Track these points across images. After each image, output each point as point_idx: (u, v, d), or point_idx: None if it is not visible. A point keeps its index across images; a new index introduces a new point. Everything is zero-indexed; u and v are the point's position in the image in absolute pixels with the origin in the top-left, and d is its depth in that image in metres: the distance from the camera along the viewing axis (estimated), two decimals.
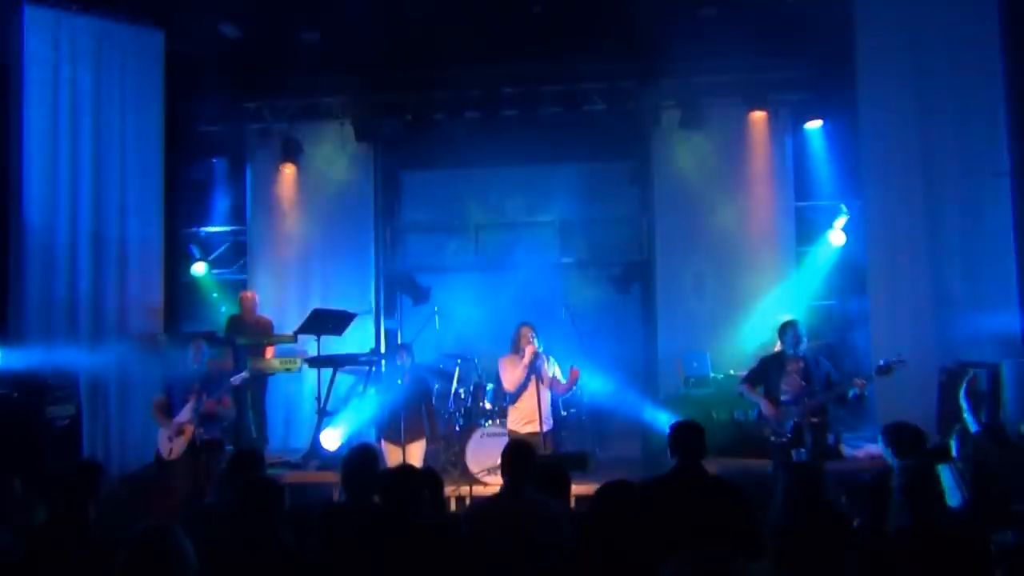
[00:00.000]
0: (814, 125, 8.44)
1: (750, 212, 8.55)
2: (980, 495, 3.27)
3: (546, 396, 6.11)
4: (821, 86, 8.18)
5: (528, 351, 6.02)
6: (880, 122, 7.19)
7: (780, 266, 8.45)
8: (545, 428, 6.09)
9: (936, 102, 6.96)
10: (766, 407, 5.72)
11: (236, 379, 6.25)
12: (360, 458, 3.76)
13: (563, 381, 6.21)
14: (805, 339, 5.77)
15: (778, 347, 6.20)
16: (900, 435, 4.12)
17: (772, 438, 5.70)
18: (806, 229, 8.62)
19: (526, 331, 6.13)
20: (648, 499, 3.38)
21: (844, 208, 8.36)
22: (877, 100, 7.18)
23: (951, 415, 5.40)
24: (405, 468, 3.77)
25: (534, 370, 6.06)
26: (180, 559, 2.35)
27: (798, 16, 7.27)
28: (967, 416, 4.66)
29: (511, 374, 6.12)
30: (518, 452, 3.76)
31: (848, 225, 8.23)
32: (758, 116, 8.48)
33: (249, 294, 8.23)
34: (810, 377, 5.64)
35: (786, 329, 5.84)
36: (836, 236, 8.32)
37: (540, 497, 3.66)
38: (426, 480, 3.76)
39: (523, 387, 6.11)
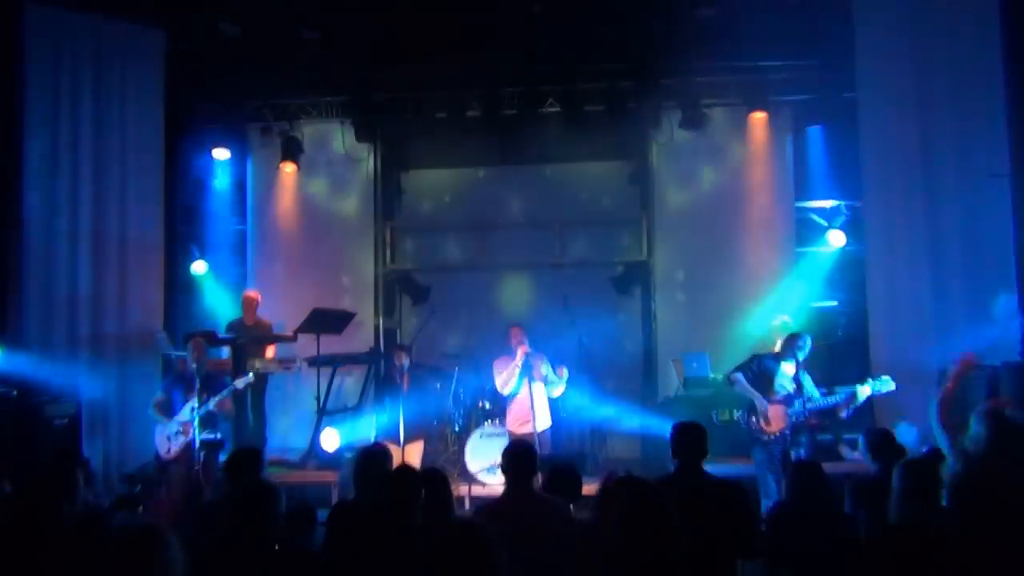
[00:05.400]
0: (814, 127, 8.44)
1: (750, 212, 8.55)
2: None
3: (539, 397, 6.13)
4: (821, 86, 8.18)
5: (519, 352, 6.06)
6: (880, 122, 7.18)
7: (780, 266, 8.45)
8: (540, 428, 6.13)
9: (936, 102, 6.95)
10: (761, 402, 5.75)
11: (240, 382, 6.25)
12: (372, 457, 3.79)
13: (553, 379, 6.25)
14: (804, 354, 5.81)
15: (776, 348, 6.20)
16: (873, 438, 4.16)
17: (756, 433, 5.73)
18: (806, 229, 8.61)
19: (516, 332, 6.18)
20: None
21: (843, 208, 8.35)
22: (877, 100, 7.17)
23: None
24: (404, 469, 3.77)
25: (526, 371, 6.09)
26: (168, 560, 2.31)
27: (798, 17, 7.26)
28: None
29: (502, 375, 6.17)
30: (519, 451, 3.78)
31: (848, 225, 8.22)
32: (758, 117, 8.47)
33: (252, 294, 8.19)
34: (800, 384, 5.72)
35: (795, 340, 5.85)
36: (836, 236, 8.31)
37: (547, 495, 3.67)
38: (431, 480, 3.77)
39: (516, 388, 6.15)
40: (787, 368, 5.79)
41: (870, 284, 7.30)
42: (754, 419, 5.79)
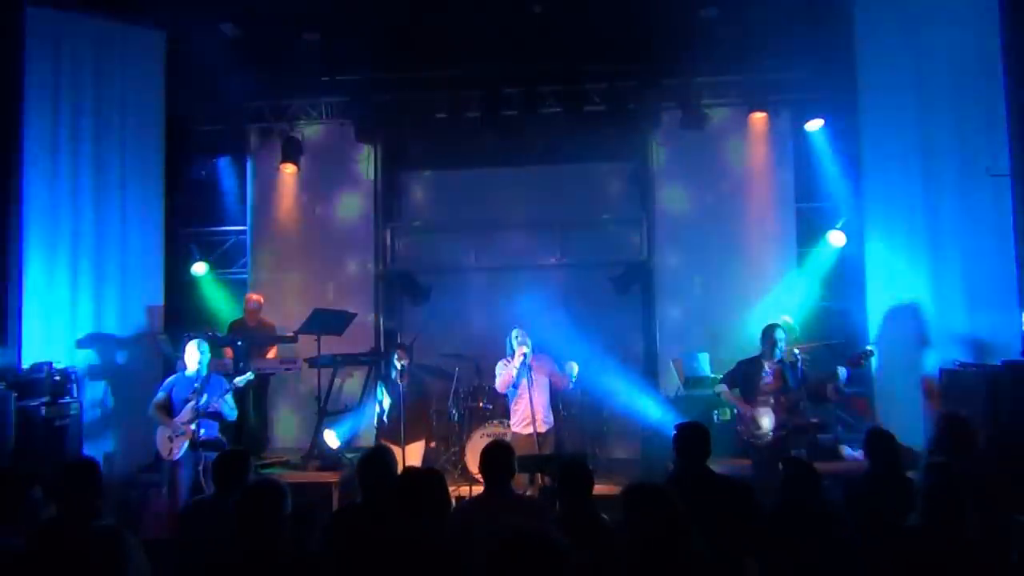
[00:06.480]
0: (814, 125, 8.43)
1: (750, 212, 8.56)
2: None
3: (540, 398, 6.16)
4: (821, 86, 8.18)
5: (517, 352, 6.09)
6: (880, 122, 7.18)
7: (780, 266, 8.46)
8: (544, 428, 6.16)
9: (936, 102, 6.94)
10: (743, 407, 5.82)
11: (240, 380, 6.25)
12: (377, 459, 3.80)
13: (561, 375, 6.30)
14: (783, 344, 5.88)
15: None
16: (869, 437, 4.19)
17: (749, 439, 5.78)
18: (806, 229, 8.61)
19: (517, 333, 6.22)
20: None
21: (844, 208, 8.34)
22: (877, 100, 7.17)
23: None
24: (409, 472, 3.76)
25: (524, 372, 6.11)
26: (126, 560, 2.32)
27: (798, 17, 7.26)
28: None
29: (501, 377, 6.23)
30: (495, 452, 3.81)
31: (848, 225, 8.22)
32: (758, 117, 8.48)
33: (255, 296, 8.19)
34: (786, 379, 5.77)
35: (766, 334, 5.97)
36: (836, 236, 8.31)
37: (520, 494, 3.68)
38: (428, 480, 3.77)
39: (515, 390, 6.18)
40: (767, 365, 5.85)
41: (870, 283, 7.30)
42: (741, 426, 5.87)
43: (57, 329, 7.18)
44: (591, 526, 3.47)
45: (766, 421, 5.72)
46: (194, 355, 6.17)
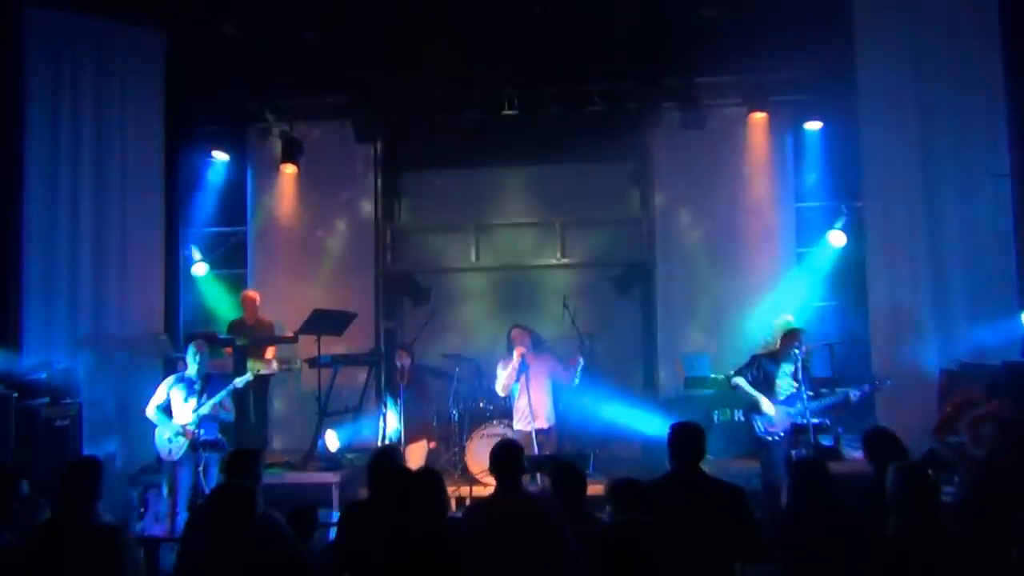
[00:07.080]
0: (814, 126, 8.43)
1: (750, 213, 8.55)
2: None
3: (540, 395, 6.17)
4: (821, 86, 8.18)
5: (516, 353, 6.10)
6: (880, 122, 7.18)
7: (780, 266, 8.45)
8: (546, 425, 6.18)
9: (936, 102, 6.96)
10: (766, 404, 5.74)
11: (240, 381, 6.25)
12: (386, 456, 3.85)
13: (564, 372, 6.30)
14: (802, 352, 5.82)
15: (776, 346, 6.21)
16: (869, 439, 4.17)
17: (764, 435, 5.73)
18: (806, 229, 8.60)
19: (517, 333, 6.22)
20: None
21: (844, 208, 8.35)
22: (877, 100, 7.17)
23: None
24: (404, 471, 3.83)
25: (523, 372, 6.12)
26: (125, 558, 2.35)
27: (798, 17, 7.26)
28: None
29: (501, 377, 6.24)
30: (505, 451, 3.81)
31: (848, 225, 8.22)
32: (758, 117, 8.47)
33: (251, 294, 8.19)
34: (800, 381, 5.71)
35: (793, 336, 5.85)
36: (836, 236, 8.31)
37: (535, 494, 3.69)
38: (425, 481, 3.78)
39: (515, 389, 6.20)
40: (787, 367, 5.79)
41: (870, 284, 7.30)
42: (758, 421, 5.79)
43: (57, 329, 7.17)
44: (587, 528, 3.47)
45: (779, 420, 5.71)
46: (194, 356, 6.16)
